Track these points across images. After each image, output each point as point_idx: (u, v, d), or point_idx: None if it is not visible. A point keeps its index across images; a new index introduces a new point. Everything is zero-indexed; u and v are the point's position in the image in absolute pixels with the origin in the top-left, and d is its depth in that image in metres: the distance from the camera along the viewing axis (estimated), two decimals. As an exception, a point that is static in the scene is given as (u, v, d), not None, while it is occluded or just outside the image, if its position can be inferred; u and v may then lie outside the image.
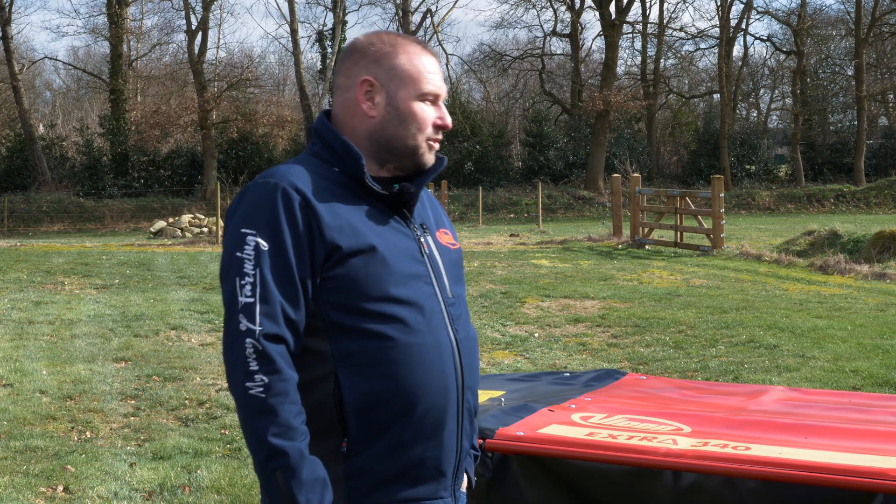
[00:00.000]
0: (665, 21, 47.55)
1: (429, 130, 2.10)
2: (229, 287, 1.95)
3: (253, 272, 1.93)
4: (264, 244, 1.94)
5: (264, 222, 1.95)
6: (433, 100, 2.11)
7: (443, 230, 2.21)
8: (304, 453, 1.89)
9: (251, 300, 1.92)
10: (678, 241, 19.63)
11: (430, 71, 2.10)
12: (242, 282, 1.92)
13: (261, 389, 1.88)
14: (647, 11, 47.71)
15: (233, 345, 1.92)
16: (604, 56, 44.93)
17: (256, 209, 1.97)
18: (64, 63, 49.58)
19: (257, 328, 1.90)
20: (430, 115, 2.10)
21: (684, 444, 2.55)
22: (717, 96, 47.26)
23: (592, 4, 44.60)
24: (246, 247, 1.94)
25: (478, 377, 2.16)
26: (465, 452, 2.13)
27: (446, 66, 47.25)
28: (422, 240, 2.10)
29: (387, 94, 2.08)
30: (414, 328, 1.99)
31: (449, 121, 2.12)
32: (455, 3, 63.88)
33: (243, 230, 1.96)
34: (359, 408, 1.96)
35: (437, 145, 2.13)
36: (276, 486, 1.88)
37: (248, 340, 1.90)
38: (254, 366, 1.89)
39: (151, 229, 28.99)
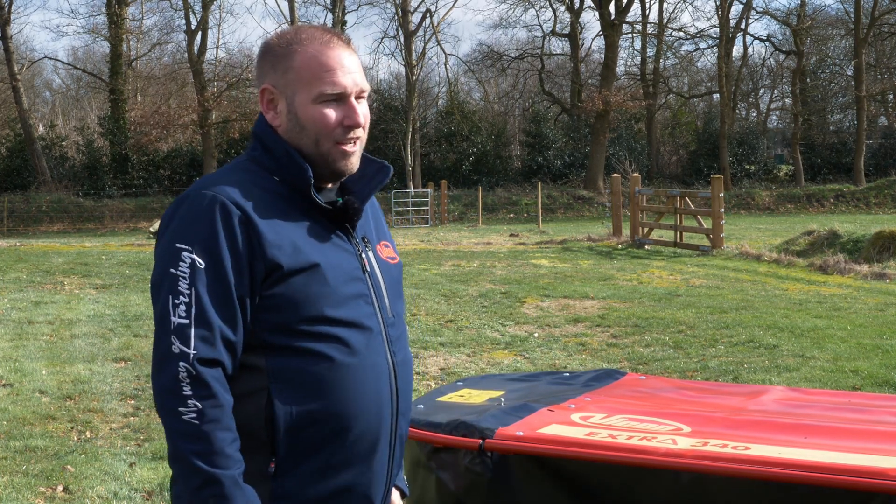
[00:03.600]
0: (664, 21, 47.61)
1: (336, 133, 1.94)
2: (161, 305, 1.82)
3: (188, 291, 1.81)
4: (200, 261, 1.82)
5: (201, 238, 1.83)
6: (337, 99, 1.94)
7: (383, 243, 2.12)
8: (238, 482, 1.79)
9: (185, 321, 1.80)
10: (678, 241, 19.64)
11: (330, 69, 1.93)
12: (176, 300, 1.80)
13: (194, 415, 1.78)
14: (647, 11, 47.80)
15: (163, 366, 1.81)
16: (603, 56, 44.99)
17: (193, 223, 1.84)
18: (64, 63, 49.70)
19: (191, 352, 1.79)
20: (332, 117, 1.93)
21: (684, 443, 2.55)
22: (716, 96, 47.32)
23: (592, 4, 44.66)
24: (181, 263, 1.82)
25: (411, 403, 2.08)
26: (394, 480, 2.06)
27: (445, 65, 47.30)
28: (363, 256, 2.00)
29: (286, 101, 1.95)
30: (353, 349, 1.91)
31: (359, 118, 1.95)
32: (454, 3, 63.74)
33: (178, 245, 1.83)
34: (290, 426, 1.87)
35: (354, 147, 1.97)
36: None
37: (180, 364, 1.79)
38: (187, 390, 1.78)
39: (151, 229, 28.99)
